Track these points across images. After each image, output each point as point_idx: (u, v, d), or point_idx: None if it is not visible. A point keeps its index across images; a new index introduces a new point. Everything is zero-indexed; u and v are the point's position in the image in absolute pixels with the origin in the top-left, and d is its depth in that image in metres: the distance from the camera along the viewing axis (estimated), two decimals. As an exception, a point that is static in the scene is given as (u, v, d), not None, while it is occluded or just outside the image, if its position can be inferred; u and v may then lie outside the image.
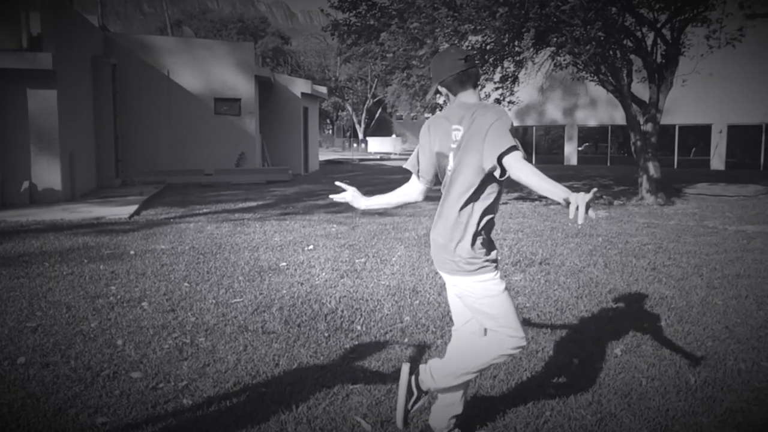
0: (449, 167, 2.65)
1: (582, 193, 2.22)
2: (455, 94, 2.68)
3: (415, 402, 2.80)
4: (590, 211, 2.20)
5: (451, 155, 2.64)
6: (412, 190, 3.02)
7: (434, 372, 2.73)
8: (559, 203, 2.75)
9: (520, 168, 2.39)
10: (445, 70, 2.65)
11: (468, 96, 2.67)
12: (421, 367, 2.82)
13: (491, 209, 2.65)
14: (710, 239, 8.12)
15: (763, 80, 24.55)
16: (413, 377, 2.82)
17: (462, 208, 2.60)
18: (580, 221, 2.21)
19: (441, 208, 2.69)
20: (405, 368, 2.83)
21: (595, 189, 2.27)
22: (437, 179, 2.85)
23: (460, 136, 2.58)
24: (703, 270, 6.30)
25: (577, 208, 2.19)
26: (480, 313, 2.63)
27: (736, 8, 12.00)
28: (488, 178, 2.56)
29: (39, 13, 11.94)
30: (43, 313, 4.84)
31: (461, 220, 2.60)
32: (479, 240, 2.61)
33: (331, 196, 3.11)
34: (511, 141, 2.43)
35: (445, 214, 2.67)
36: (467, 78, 2.65)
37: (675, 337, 4.29)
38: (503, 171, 2.48)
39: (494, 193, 2.63)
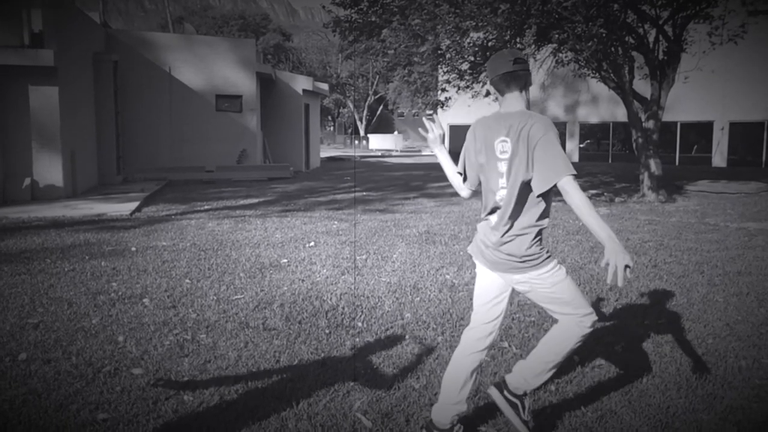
0: (502, 180, 2.69)
1: (621, 254, 2.33)
2: (502, 95, 2.71)
3: (523, 408, 2.82)
4: (627, 270, 2.34)
5: (500, 166, 2.68)
6: (462, 185, 3.00)
7: (526, 375, 2.80)
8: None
9: (573, 195, 2.48)
10: (493, 69, 2.69)
11: (513, 98, 2.69)
12: (507, 377, 2.87)
13: (547, 211, 2.74)
14: (711, 236, 8.11)
15: (765, 77, 24.49)
16: (505, 392, 2.84)
17: (523, 214, 2.68)
18: (620, 284, 2.34)
19: (503, 213, 2.70)
20: (493, 391, 2.86)
21: (631, 265, 2.36)
22: (480, 183, 2.89)
23: (510, 149, 2.63)
24: (704, 267, 6.29)
25: (615, 271, 2.34)
26: (554, 302, 2.74)
27: (739, 5, 11.96)
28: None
29: (40, 10, 11.94)
30: (44, 310, 4.85)
31: (524, 224, 2.68)
32: (540, 236, 2.73)
33: (420, 129, 3.12)
34: (564, 166, 2.49)
35: (507, 219, 2.69)
36: (512, 79, 2.67)
37: (675, 335, 4.29)
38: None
39: (549, 194, 2.68)
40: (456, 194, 13.42)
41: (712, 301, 5.11)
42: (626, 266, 2.32)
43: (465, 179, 2.94)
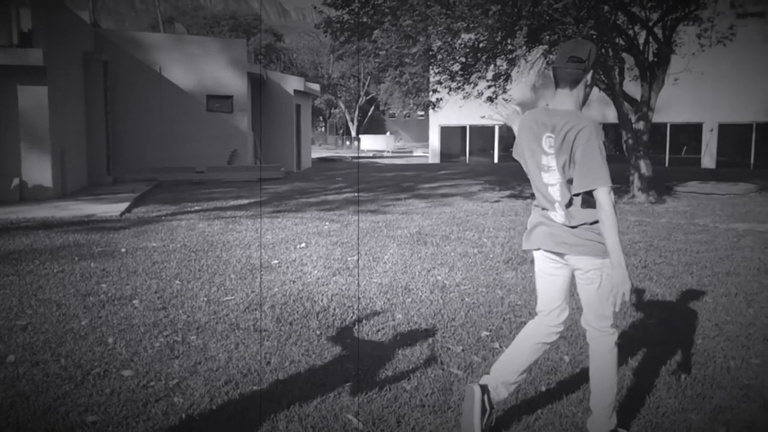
0: (546, 174, 2.76)
1: (625, 283, 2.54)
2: (555, 88, 2.76)
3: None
4: (624, 296, 2.56)
5: (548, 160, 2.74)
6: None
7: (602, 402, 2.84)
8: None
9: (603, 208, 2.57)
10: (555, 60, 2.74)
11: (563, 95, 2.73)
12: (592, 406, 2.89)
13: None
14: (701, 237, 8.16)
15: (754, 79, 24.68)
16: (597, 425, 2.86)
17: (574, 205, 2.73)
18: (616, 309, 2.60)
19: (554, 204, 2.77)
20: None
21: (629, 295, 2.59)
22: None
23: (556, 145, 2.68)
24: (693, 268, 6.33)
25: (615, 300, 2.56)
26: (582, 300, 2.89)
27: (727, 7, 12.06)
28: None
29: (30, 9, 11.86)
30: (33, 311, 4.81)
31: (574, 213, 2.74)
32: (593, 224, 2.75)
33: (497, 112, 3.22)
34: (602, 176, 2.55)
35: (560, 209, 2.75)
36: (564, 77, 2.70)
37: (666, 335, 4.31)
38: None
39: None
40: (447, 195, 13.44)
41: (702, 301, 5.14)
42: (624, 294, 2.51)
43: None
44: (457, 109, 18.28)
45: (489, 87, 13.55)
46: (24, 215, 9.91)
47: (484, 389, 2.82)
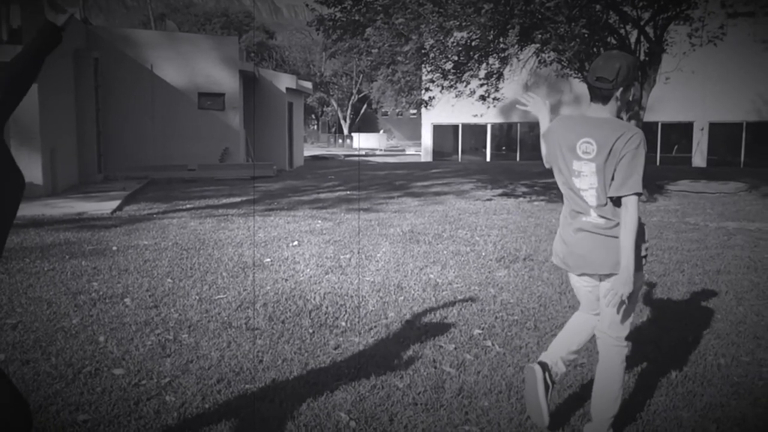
0: (578, 179, 2.77)
1: (626, 286, 2.64)
2: (590, 100, 2.82)
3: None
4: (621, 296, 2.67)
5: (580, 165, 2.76)
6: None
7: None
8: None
9: (627, 212, 2.64)
10: (588, 73, 2.81)
11: (597, 108, 2.79)
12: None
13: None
14: (692, 236, 8.21)
15: (744, 78, 24.83)
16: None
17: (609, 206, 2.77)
18: (612, 305, 2.71)
19: (598, 204, 2.79)
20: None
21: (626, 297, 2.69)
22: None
23: (594, 151, 2.71)
24: (684, 266, 6.36)
25: (613, 296, 2.66)
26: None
27: (718, 7, 12.12)
28: None
29: (19, 6, 11.77)
30: (23, 310, 4.78)
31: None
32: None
33: (525, 101, 3.25)
34: (635, 183, 2.63)
35: (599, 206, 2.78)
36: (595, 93, 2.76)
37: (657, 334, 4.33)
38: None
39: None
40: (439, 194, 13.45)
41: (692, 299, 5.17)
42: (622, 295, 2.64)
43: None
44: (449, 108, 18.29)
45: (481, 85, 13.56)
46: (14, 213, 9.83)
47: (544, 366, 2.89)
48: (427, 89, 13.76)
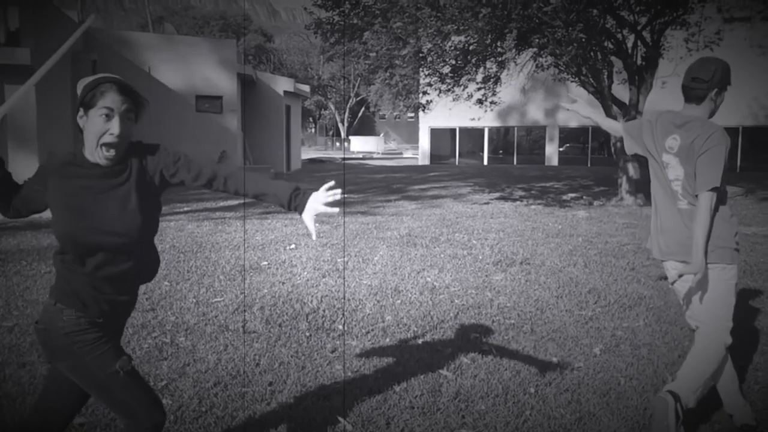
0: (670, 172, 2.96)
1: (701, 271, 2.75)
2: (684, 101, 2.98)
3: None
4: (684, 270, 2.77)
5: (669, 158, 2.95)
6: (617, 131, 3.44)
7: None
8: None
9: (700, 208, 2.77)
10: (683, 79, 2.97)
11: (690, 108, 2.95)
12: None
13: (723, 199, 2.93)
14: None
15: (740, 83, 24.70)
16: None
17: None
18: (692, 275, 2.78)
19: (684, 195, 2.94)
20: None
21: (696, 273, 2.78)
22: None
23: (677, 146, 2.91)
24: (680, 270, 6.37)
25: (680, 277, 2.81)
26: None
27: (715, 12, 12.17)
28: None
29: (17, 8, 11.77)
30: (20, 313, 4.77)
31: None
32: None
33: (566, 104, 3.54)
34: (711, 180, 2.75)
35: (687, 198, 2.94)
36: (689, 93, 2.94)
37: (653, 337, 4.34)
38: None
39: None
40: (437, 197, 13.45)
41: (689, 303, 5.18)
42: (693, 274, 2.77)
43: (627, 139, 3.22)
44: (446, 111, 18.33)
45: (479, 89, 13.59)
46: (11, 215, 9.82)
47: (676, 397, 2.87)
48: (424, 93, 13.78)
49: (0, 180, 2.15)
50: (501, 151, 30.25)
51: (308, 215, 2.13)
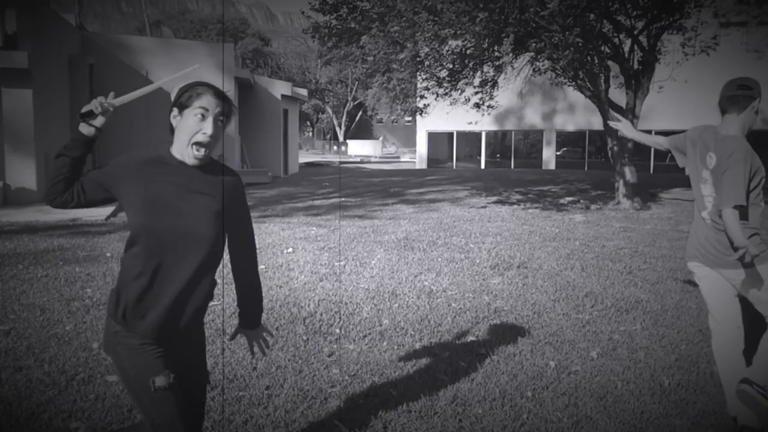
0: (705, 186, 3.12)
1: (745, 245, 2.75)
2: (722, 114, 3.09)
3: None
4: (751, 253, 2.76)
5: (707, 174, 3.09)
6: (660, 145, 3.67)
7: None
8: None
9: (727, 226, 2.85)
10: (722, 92, 3.08)
11: (729, 120, 3.05)
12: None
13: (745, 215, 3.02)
14: (685, 243, 8.23)
15: (737, 88, 24.98)
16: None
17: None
18: (747, 259, 2.78)
19: (713, 211, 3.08)
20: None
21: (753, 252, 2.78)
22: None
23: (713, 164, 3.04)
24: (677, 274, 6.39)
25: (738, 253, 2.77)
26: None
27: (711, 17, 12.21)
28: None
29: (15, 12, 11.77)
30: (16, 316, 4.76)
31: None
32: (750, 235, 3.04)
33: (611, 122, 3.78)
34: (731, 198, 2.84)
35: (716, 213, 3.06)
36: (733, 102, 3.03)
37: (650, 341, 4.35)
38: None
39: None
40: (434, 201, 13.45)
41: (686, 307, 5.19)
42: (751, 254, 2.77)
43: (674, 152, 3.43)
44: (444, 115, 18.35)
45: (476, 93, 13.61)
46: (7, 219, 9.81)
47: (749, 382, 2.93)
48: (422, 97, 13.80)
49: (79, 161, 2.19)
50: (498, 155, 30.29)
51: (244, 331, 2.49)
